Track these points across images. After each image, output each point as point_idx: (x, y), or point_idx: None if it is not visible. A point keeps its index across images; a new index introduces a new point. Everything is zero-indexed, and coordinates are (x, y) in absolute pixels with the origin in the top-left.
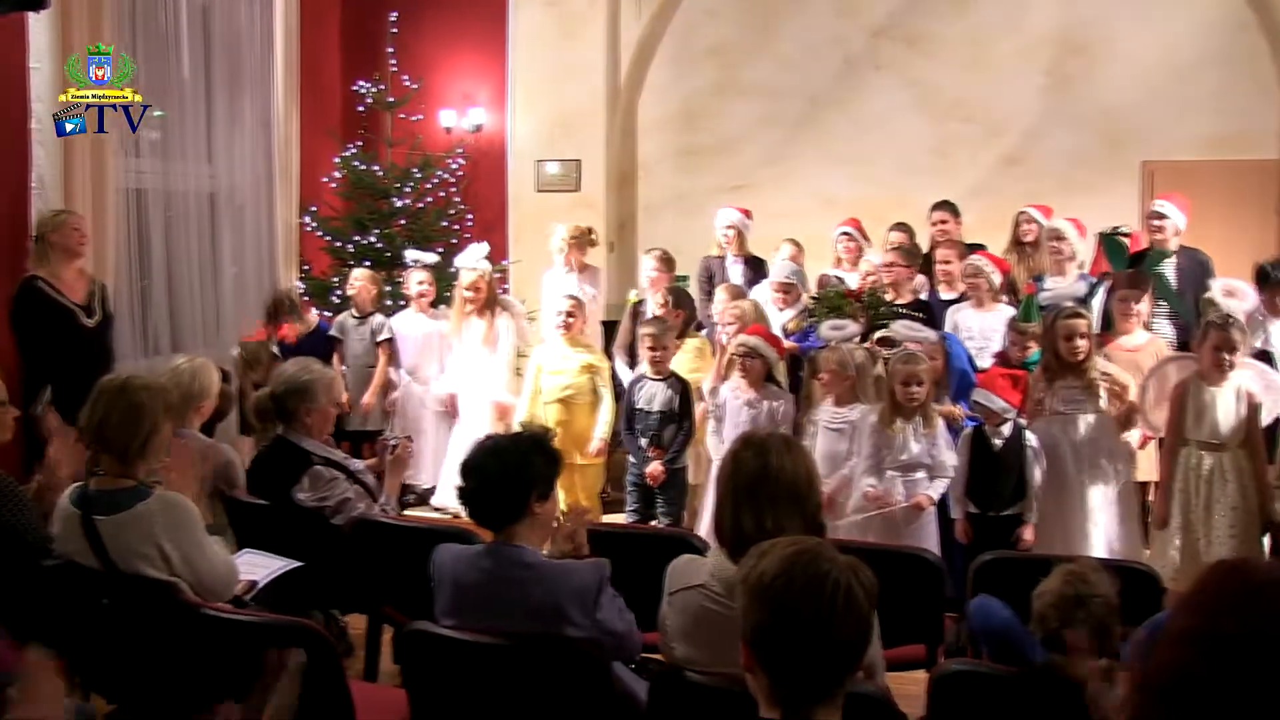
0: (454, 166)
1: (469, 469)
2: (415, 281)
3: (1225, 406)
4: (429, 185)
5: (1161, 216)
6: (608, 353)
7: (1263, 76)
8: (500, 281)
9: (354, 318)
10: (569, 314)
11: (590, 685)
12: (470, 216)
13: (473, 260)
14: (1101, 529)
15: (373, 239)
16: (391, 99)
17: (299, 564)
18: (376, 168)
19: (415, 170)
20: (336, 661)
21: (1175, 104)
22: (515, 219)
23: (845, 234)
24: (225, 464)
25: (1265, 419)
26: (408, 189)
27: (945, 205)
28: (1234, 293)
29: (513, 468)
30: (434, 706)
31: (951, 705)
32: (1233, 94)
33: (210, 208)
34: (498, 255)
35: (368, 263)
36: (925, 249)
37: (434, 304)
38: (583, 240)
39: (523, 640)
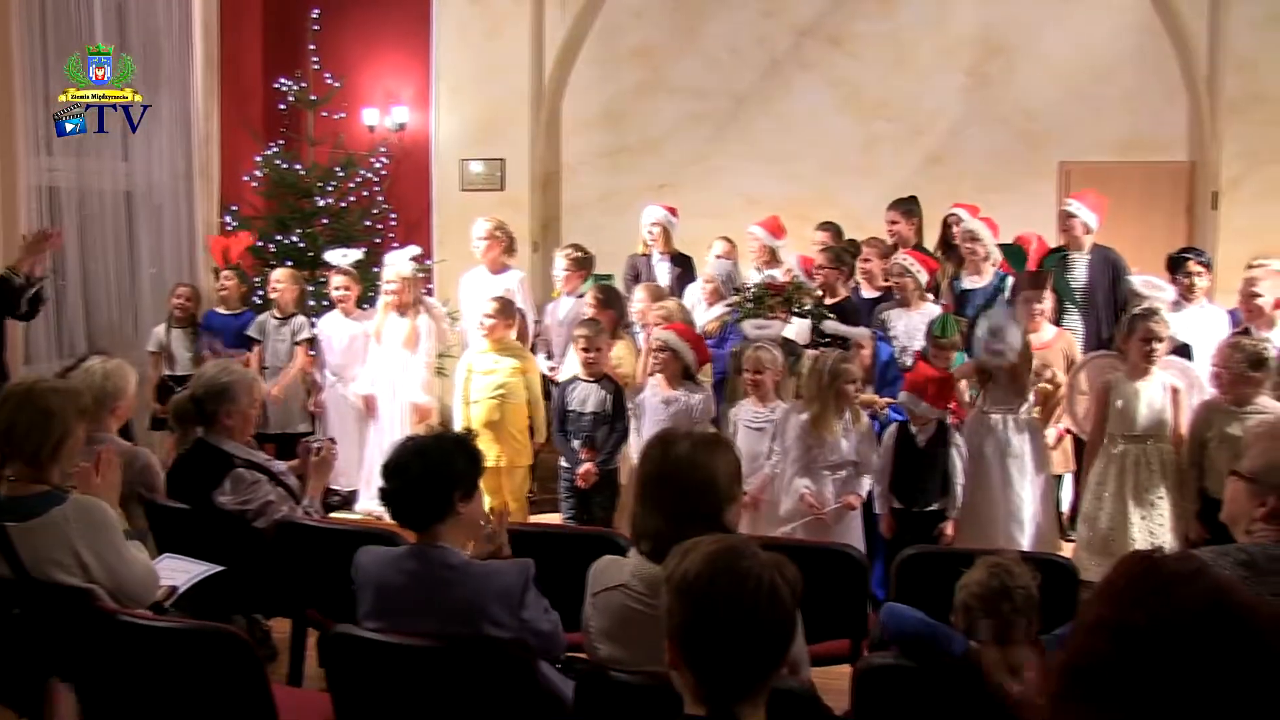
0: (377, 166)
1: (391, 469)
2: (334, 285)
3: (1150, 399)
4: (352, 185)
5: (1071, 216)
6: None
7: (1171, 81)
8: (424, 282)
9: (275, 318)
10: (492, 317)
11: (516, 685)
12: (394, 216)
13: (397, 261)
14: (1027, 525)
15: (295, 239)
16: (314, 97)
17: (221, 568)
18: (299, 167)
19: (338, 169)
20: (259, 667)
21: (1091, 106)
22: (440, 219)
23: (752, 234)
24: (143, 467)
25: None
26: (330, 188)
27: (898, 204)
28: (1154, 287)
29: (436, 467)
30: (359, 710)
31: (875, 699)
32: (1144, 98)
33: (127, 206)
34: (422, 255)
35: (289, 263)
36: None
37: (360, 305)
38: (505, 236)
39: (447, 641)
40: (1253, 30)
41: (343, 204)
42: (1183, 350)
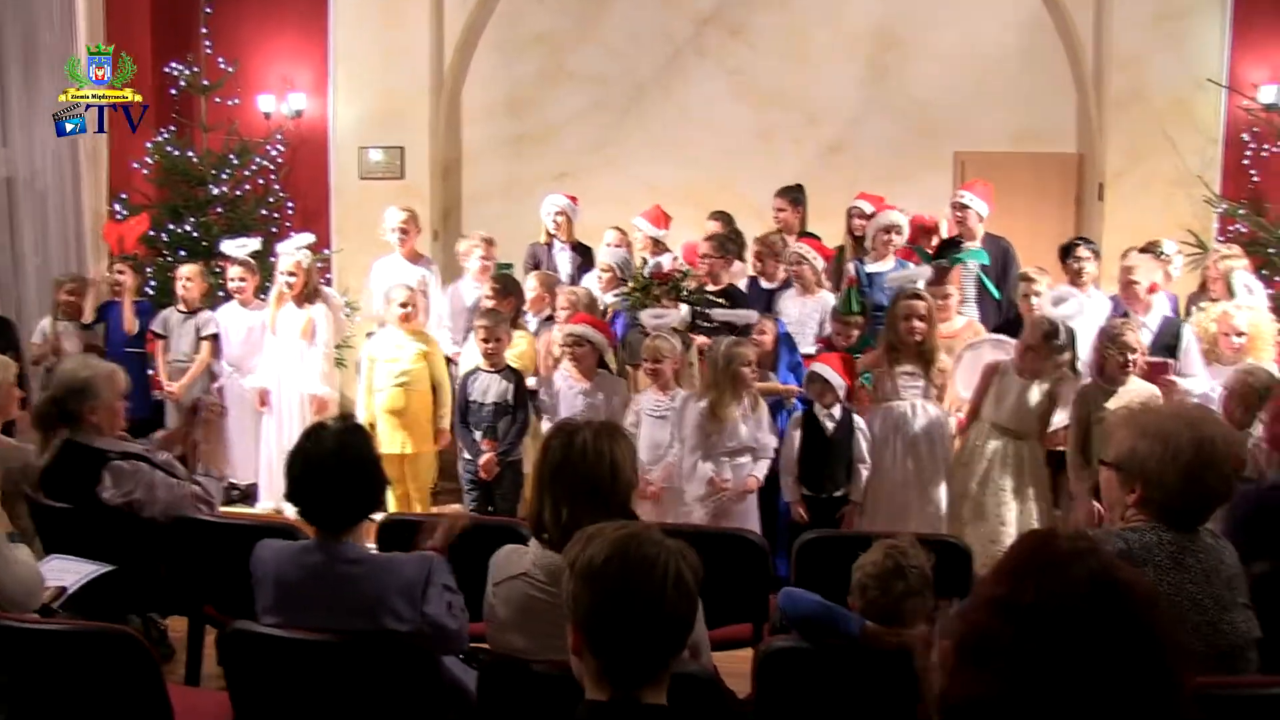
0: (273, 153)
1: (309, 469)
2: (232, 276)
3: (1027, 398)
4: (247, 172)
5: (964, 207)
6: None
7: (1060, 76)
8: (323, 271)
9: (180, 313)
10: (407, 304)
11: (418, 679)
12: (291, 205)
13: (291, 249)
14: (934, 510)
15: (189, 228)
16: (206, 82)
17: (111, 567)
18: (191, 154)
19: (232, 156)
20: (154, 667)
21: (984, 99)
22: (338, 208)
23: (635, 226)
24: (25, 466)
25: (1056, 423)
26: (225, 176)
27: (785, 192)
28: (1061, 300)
29: (363, 472)
30: (258, 708)
31: (777, 681)
32: (1035, 91)
33: (7, 194)
34: (319, 245)
35: (182, 252)
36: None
37: (258, 295)
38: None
39: (348, 636)
40: (1135, 29)
41: (238, 192)
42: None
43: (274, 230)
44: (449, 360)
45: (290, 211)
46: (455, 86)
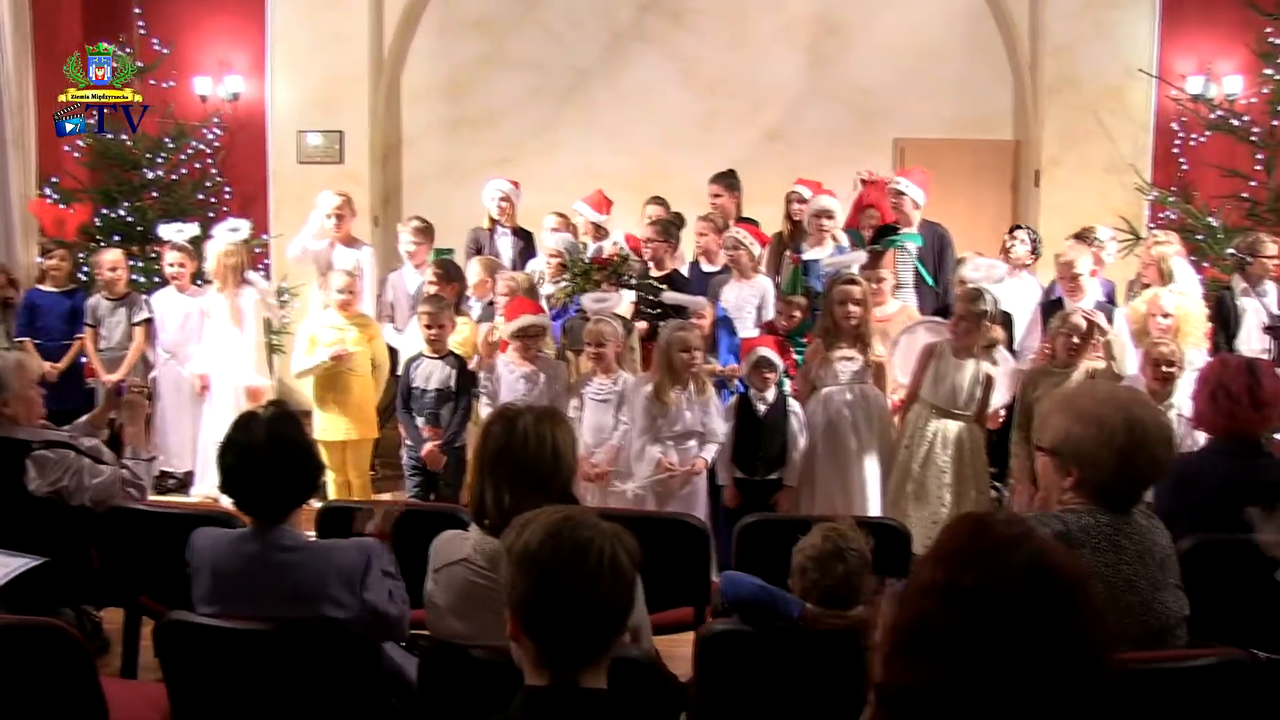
0: (210, 137)
1: (241, 459)
2: (169, 261)
3: (964, 377)
4: (183, 156)
5: (900, 194)
6: None
7: (998, 63)
8: (260, 257)
9: (107, 300)
10: (349, 290)
11: (358, 666)
12: (228, 189)
13: (222, 235)
14: (873, 492)
15: (123, 212)
16: (140, 64)
17: (42, 560)
18: (125, 137)
19: (168, 140)
20: (88, 660)
21: (923, 85)
22: (276, 192)
23: (577, 211)
24: None
25: (995, 404)
26: (160, 160)
27: (719, 178)
28: (981, 268)
29: (296, 459)
30: (195, 700)
31: (718, 664)
32: (973, 78)
33: None
34: (257, 230)
35: (117, 237)
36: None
37: (195, 281)
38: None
39: (286, 625)
40: (1068, 18)
41: (174, 176)
42: (1004, 318)
43: (211, 215)
44: (391, 350)
45: (228, 196)
46: (395, 70)
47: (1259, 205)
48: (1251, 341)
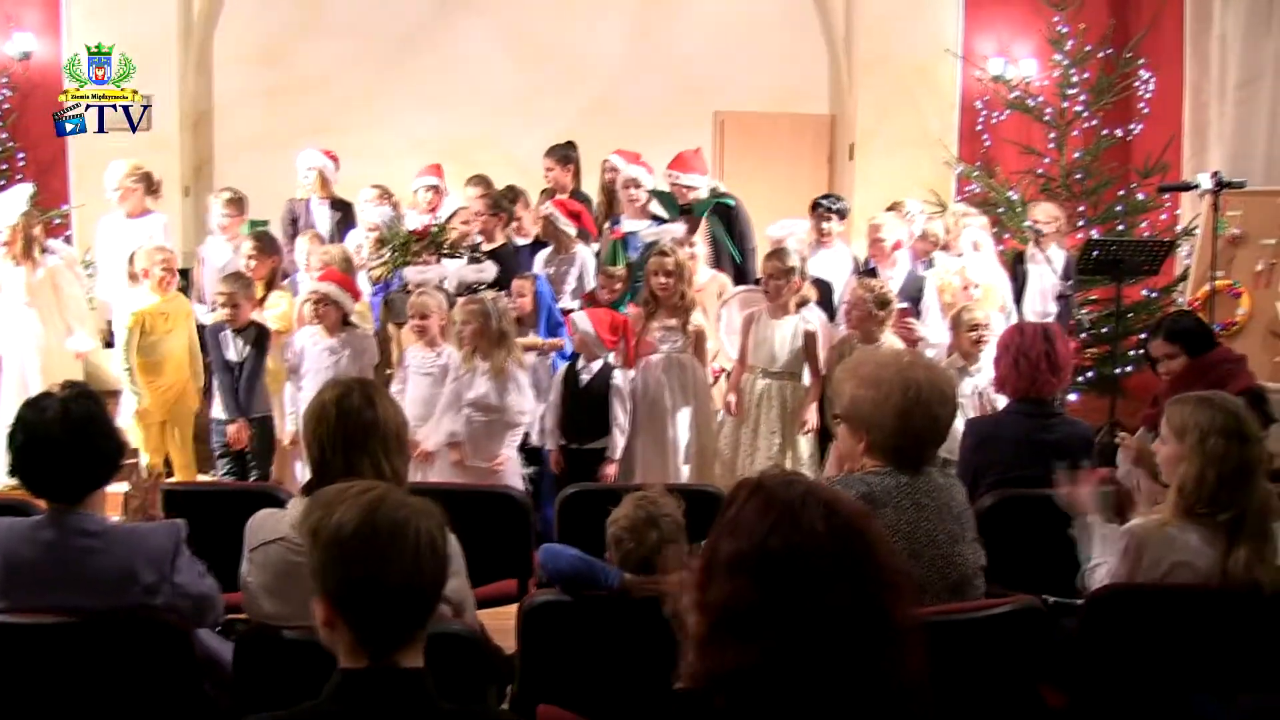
0: None
1: (31, 439)
2: None
3: (782, 337)
4: None
5: (676, 184)
6: None
7: (815, 39)
8: (61, 229)
9: None
10: (167, 268)
11: (171, 654)
12: (21, 155)
13: (9, 204)
14: (687, 458)
15: None
16: None
17: None
18: None
19: None
20: None
21: (743, 58)
22: (76, 159)
23: (431, 187)
24: None
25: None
26: None
27: (553, 151)
28: (785, 228)
29: (92, 433)
30: None
31: (541, 635)
32: (791, 53)
33: None
34: (56, 199)
35: None
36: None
37: None
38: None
39: (92, 615)
40: None
41: None
42: (823, 288)
43: (2, 182)
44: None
45: (21, 163)
46: (206, 32)
47: (1052, 181)
48: (1035, 304)
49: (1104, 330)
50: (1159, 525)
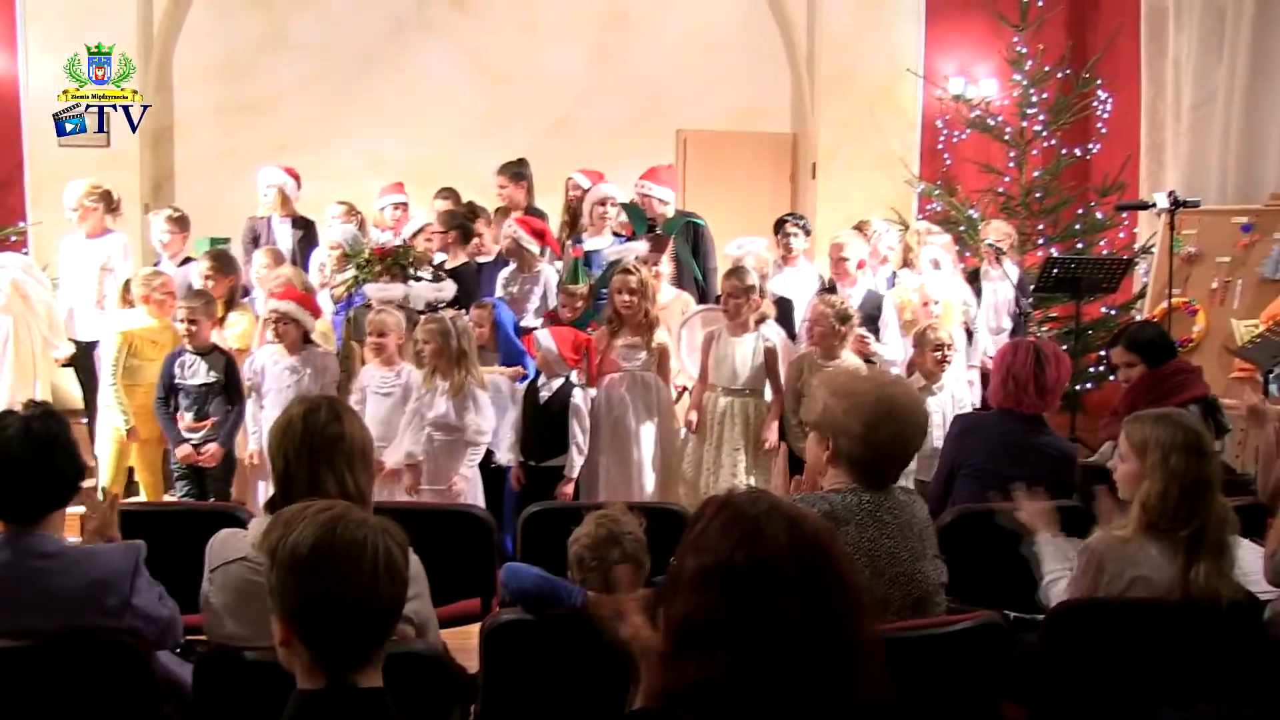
0: None
1: None
2: None
3: (743, 354)
4: None
5: (646, 196)
6: None
7: (777, 58)
8: (18, 245)
9: None
10: (166, 291)
11: (131, 676)
12: None
13: None
14: (651, 476)
15: None
16: None
17: None
18: None
19: None
20: None
21: (705, 77)
22: (33, 176)
23: (400, 204)
24: None
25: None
26: None
27: (505, 169)
28: (743, 246)
29: (51, 458)
30: None
31: (504, 654)
32: (754, 72)
33: None
34: (13, 216)
35: None
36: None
37: None
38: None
39: (50, 638)
40: (846, 15)
41: None
42: (783, 306)
43: None
44: None
45: None
46: (166, 48)
47: (1012, 199)
48: (989, 319)
49: (1064, 347)
50: (1119, 540)
